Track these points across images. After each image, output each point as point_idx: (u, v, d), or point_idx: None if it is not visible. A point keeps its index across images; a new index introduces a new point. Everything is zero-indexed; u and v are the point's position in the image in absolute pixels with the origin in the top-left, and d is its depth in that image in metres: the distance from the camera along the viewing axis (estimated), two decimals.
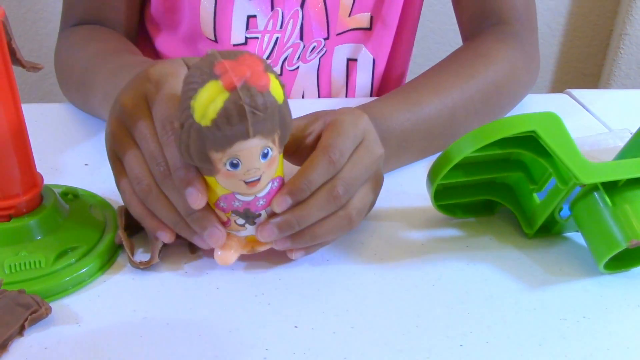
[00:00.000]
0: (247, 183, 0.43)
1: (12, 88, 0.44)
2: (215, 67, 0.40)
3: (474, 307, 0.46)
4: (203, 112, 0.40)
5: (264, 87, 0.40)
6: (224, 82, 0.39)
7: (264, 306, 0.46)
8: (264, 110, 0.40)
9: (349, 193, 0.47)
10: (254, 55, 0.41)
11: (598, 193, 0.48)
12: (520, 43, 0.72)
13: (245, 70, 0.40)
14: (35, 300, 0.43)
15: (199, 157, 0.42)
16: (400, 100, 0.61)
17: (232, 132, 0.40)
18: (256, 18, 0.76)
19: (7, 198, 0.46)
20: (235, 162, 0.42)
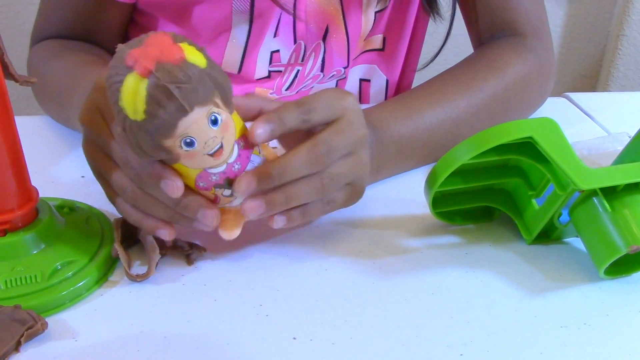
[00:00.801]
0: (212, 155, 0.43)
1: (5, 102, 0.43)
2: (126, 59, 0.39)
3: (474, 316, 0.46)
4: (133, 108, 0.39)
5: (179, 60, 0.39)
6: (139, 70, 0.39)
7: (262, 318, 0.45)
8: (188, 80, 0.39)
9: (329, 156, 0.47)
10: (159, 33, 0.40)
11: (597, 198, 0.48)
12: (536, 58, 0.71)
13: (154, 52, 0.39)
14: (32, 315, 0.43)
15: (154, 150, 0.42)
16: (401, 108, 0.61)
17: (168, 114, 0.40)
18: (279, 52, 0.76)
19: (2, 213, 0.46)
20: (189, 140, 0.41)
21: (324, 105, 0.48)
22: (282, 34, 0.74)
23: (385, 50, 0.81)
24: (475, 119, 0.63)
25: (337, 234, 0.54)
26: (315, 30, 0.75)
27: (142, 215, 0.47)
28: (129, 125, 0.41)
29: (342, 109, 0.48)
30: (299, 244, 0.52)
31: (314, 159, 0.46)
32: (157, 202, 0.46)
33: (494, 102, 0.65)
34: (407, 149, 0.60)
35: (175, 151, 0.42)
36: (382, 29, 0.79)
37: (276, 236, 0.53)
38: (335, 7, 0.74)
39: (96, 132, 0.47)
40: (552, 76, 0.75)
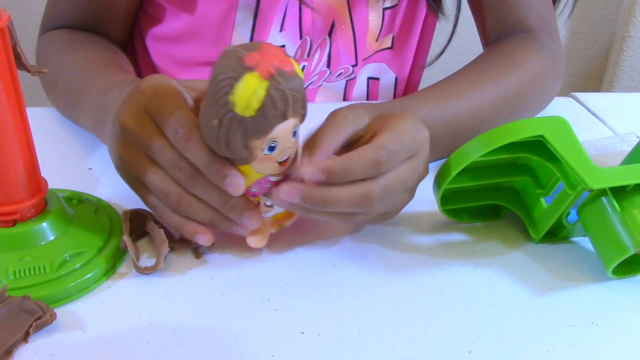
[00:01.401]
0: (281, 163, 0.45)
1: (18, 93, 0.43)
2: (246, 60, 0.41)
3: (481, 313, 0.46)
4: (246, 104, 0.41)
5: (293, 71, 0.42)
6: (261, 72, 0.41)
7: (270, 312, 0.45)
8: (299, 90, 0.42)
9: (382, 200, 0.47)
10: (271, 44, 0.43)
11: (606, 198, 0.48)
12: (548, 49, 0.72)
13: (273, 58, 0.41)
14: (40, 306, 0.43)
15: (239, 148, 0.43)
16: (431, 97, 0.61)
17: (275, 116, 0.42)
18: (285, 48, 0.76)
19: (12, 203, 0.46)
20: (273, 145, 0.43)
21: (403, 153, 0.47)
22: (288, 28, 0.74)
23: (394, 48, 0.81)
24: (497, 114, 0.64)
25: (345, 229, 0.54)
26: (321, 25, 0.75)
27: (182, 219, 0.47)
28: (228, 119, 0.42)
29: (417, 148, 0.48)
30: (307, 239, 0.52)
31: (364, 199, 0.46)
32: (201, 204, 0.46)
33: (514, 98, 0.65)
34: (436, 138, 0.59)
35: (255, 152, 0.44)
36: (392, 29, 0.79)
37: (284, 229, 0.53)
38: (342, 2, 0.74)
39: (143, 133, 0.46)
40: (562, 72, 0.75)
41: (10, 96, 0.43)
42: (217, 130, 0.42)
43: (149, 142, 0.46)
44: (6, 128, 0.43)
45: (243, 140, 0.43)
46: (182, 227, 0.47)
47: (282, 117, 0.42)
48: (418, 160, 0.49)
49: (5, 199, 0.45)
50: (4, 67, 0.42)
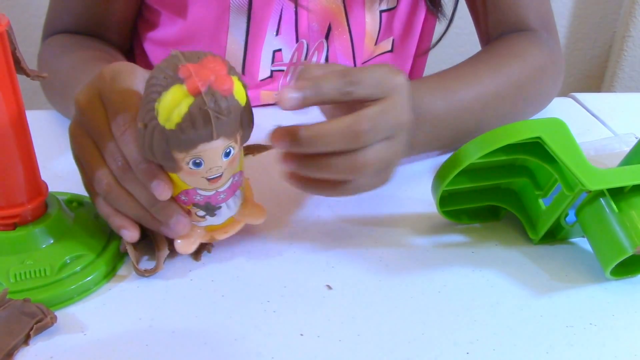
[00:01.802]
0: (209, 180, 0.44)
1: (17, 97, 0.43)
2: (180, 70, 0.40)
3: (480, 315, 0.46)
4: (167, 116, 0.40)
5: (228, 91, 0.41)
6: (189, 87, 0.40)
7: (269, 314, 0.45)
8: (228, 114, 0.41)
9: (370, 136, 0.46)
10: (217, 58, 0.42)
11: (604, 199, 0.48)
12: (548, 45, 0.72)
13: (209, 74, 0.40)
14: (41, 309, 0.43)
15: (163, 156, 0.43)
16: (436, 85, 0.61)
17: (197, 135, 0.41)
18: (281, 52, 0.76)
19: (12, 207, 0.46)
20: (198, 161, 0.43)
21: (373, 81, 0.46)
22: (284, 32, 0.74)
23: (394, 51, 0.81)
24: (501, 102, 0.64)
25: (344, 231, 0.54)
26: (318, 29, 0.75)
27: (112, 210, 0.47)
28: (152, 126, 0.41)
29: (391, 88, 0.47)
30: (306, 241, 0.53)
31: (354, 135, 0.45)
32: (130, 199, 0.46)
33: (517, 87, 0.65)
34: (440, 127, 0.59)
35: (180, 164, 0.43)
36: (392, 32, 0.79)
37: (283, 231, 0.54)
38: (338, 5, 0.74)
39: (90, 116, 0.47)
40: (562, 69, 0.75)
41: (9, 101, 0.43)
42: (142, 133, 0.42)
43: (94, 127, 0.46)
44: (6, 132, 0.43)
45: (166, 150, 0.42)
46: (110, 219, 0.48)
47: (207, 138, 0.41)
48: (397, 142, 0.48)
49: (6, 203, 0.46)
50: (3, 72, 0.42)
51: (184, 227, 0.47)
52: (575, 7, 1.50)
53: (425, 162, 0.64)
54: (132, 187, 0.46)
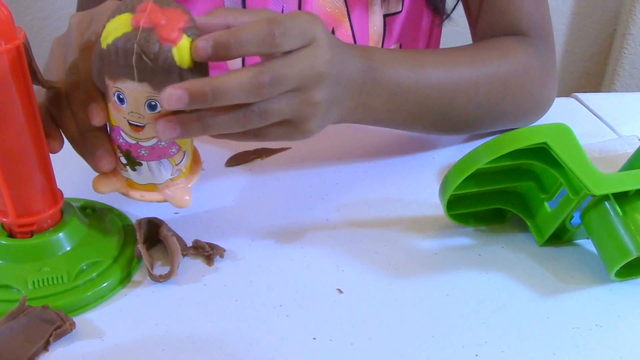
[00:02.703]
0: (130, 125, 0.45)
1: (34, 108, 0.44)
2: (141, 4, 0.42)
3: (488, 317, 0.47)
4: (106, 35, 0.42)
5: (167, 41, 0.41)
6: (134, 19, 0.41)
7: (282, 318, 0.46)
8: (154, 60, 0.41)
9: (272, 89, 0.44)
10: (186, 15, 0.43)
11: (609, 202, 0.49)
12: (537, 50, 0.71)
13: (160, 19, 0.41)
14: (59, 315, 0.44)
15: (97, 75, 0.44)
16: (404, 56, 0.60)
17: (118, 65, 0.42)
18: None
19: (30, 215, 0.47)
20: (122, 97, 0.44)
21: (297, 32, 0.45)
22: None
23: None
24: (474, 91, 0.63)
25: (353, 234, 0.55)
26: None
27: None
28: (98, 42, 0.43)
29: (311, 37, 0.46)
30: (316, 244, 0.54)
31: (255, 88, 0.43)
32: (70, 119, 0.47)
33: (495, 80, 0.64)
34: (401, 98, 0.58)
35: (109, 93, 0.44)
36: (397, 37, 0.80)
37: (293, 235, 0.54)
38: (340, 9, 0.75)
39: (72, 34, 0.48)
40: (554, 75, 0.74)
41: (27, 111, 0.44)
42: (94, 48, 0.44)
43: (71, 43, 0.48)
44: (24, 143, 0.44)
45: (99, 70, 0.43)
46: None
47: (129, 74, 0.42)
48: (312, 51, 0.47)
49: (24, 211, 0.47)
50: (20, 83, 0.43)
51: (106, 164, 0.47)
52: (576, 4, 1.51)
53: (431, 165, 0.65)
54: (75, 107, 0.47)
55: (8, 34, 0.41)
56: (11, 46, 0.41)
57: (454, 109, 0.63)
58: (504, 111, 0.67)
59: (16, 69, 0.42)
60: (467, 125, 0.66)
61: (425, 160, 0.66)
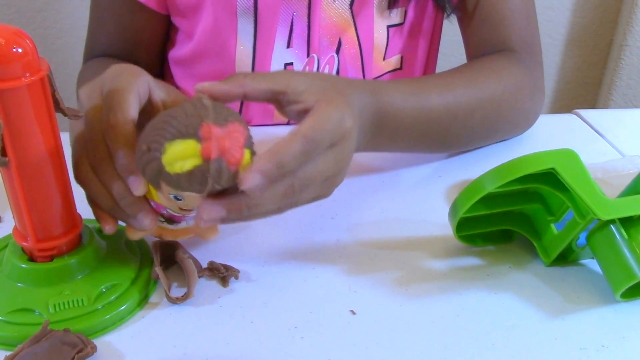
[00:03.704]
0: (182, 209, 0.47)
1: (56, 137, 0.45)
2: (202, 128, 0.42)
3: (498, 338, 0.48)
4: (171, 162, 0.42)
5: (235, 165, 0.43)
6: (203, 150, 0.42)
7: (297, 340, 0.47)
8: (226, 181, 0.43)
9: (302, 192, 0.48)
10: (241, 127, 0.43)
11: (615, 226, 0.50)
12: (528, 70, 0.73)
13: (225, 143, 0.42)
14: (81, 339, 0.45)
15: (151, 180, 0.44)
16: (406, 85, 0.62)
17: (189, 188, 0.43)
18: (293, 65, 0.78)
19: (50, 239, 0.48)
20: (180, 198, 0.45)
21: (327, 141, 0.47)
22: (296, 45, 0.77)
23: (403, 68, 0.83)
24: (470, 116, 0.66)
25: (363, 255, 0.56)
26: (328, 43, 0.77)
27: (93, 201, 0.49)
28: (152, 156, 0.43)
29: (341, 135, 0.49)
30: (328, 265, 0.55)
31: (286, 195, 0.47)
32: (102, 190, 0.48)
33: (489, 101, 0.67)
34: (404, 127, 0.61)
35: (162, 189, 0.45)
36: (400, 48, 0.81)
37: (305, 256, 0.56)
38: (347, 19, 0.76)
39: (86, 108, 0.49)
40: (542, 89, 0.77)
41: (49, 140, 0.45)
42: (142, 151, 0.44)
43: (88, 118, 0.48)
44: (46, 170, 0.45)
45: (155, 178, 0.44)
46: (92, 208, 0.50)
47: (196, 191, 0.43)
48: (340, 149, 0.49)
49: (44, 236, 0.48)
50: (44, 113, 0.44)
51: (151, 222, 0.48)
52: (573, 15, 1.53)
53: (439, 186, 0.66)
54: (105, 178, 0.47)
55: (33, 66, 0.42)
56: (36, 78, 0.42)
57: (452, 133, 0.66)
58: (497, 129, 0.71)
59: (40, 99, 0.43)
60: (462, 146, 0.69)
61: (433, 180, 0.68)
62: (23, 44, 0.42)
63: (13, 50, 0.41)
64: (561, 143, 0.75)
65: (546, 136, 0.77)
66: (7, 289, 0.48)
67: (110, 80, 0.48)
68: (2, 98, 0.42)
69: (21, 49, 0.42)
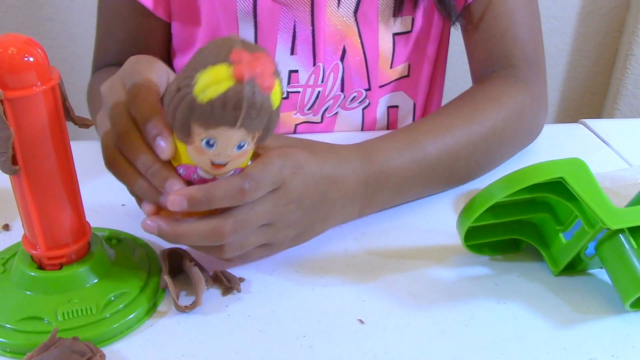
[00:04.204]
0: (214, 164, 0.46)
1: (66, 145, 0.46)
2: (233, 53, 0.42)
3: (507, 348, 0.48)
4: (204, 89, 0.42)
5: (268, 89, 0.42)
6: (235, 71, 0.41)
7: (306, 349, 0.47)
8: (259, 109, 0.43)
9: (236, 233, 0.48)
10: (269, 57, 0.43)
11: (623, 235, 0.50)
12: (530, 88, 0.73)
13: (257, 67, 0.42)
14: (89, 347, 0.45)
15: (181, 123, 0.44)
16: (400, 139, 0.62)
17: (222, 117, 0.42)
18: (298, 73, 0.78)
19: (59, 247, 0.48)
20: (212, 142, 0.44)
21: (267, 182, 0.49)
22: (301, 53, 0.77)
23: (410, 76, 0.83)
24: (473, 150, 0.65)
25: (371, 264, 0.56)
26: (332, 50, 0.78)
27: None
28: (184, 93, 0.43)
29: (280, 182, 0.50)
30: (336, 274, 0.55)
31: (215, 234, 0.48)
32: (129, 170, 0.48)
33: (491, 133, 0.66)
34: (408, 181, 0.61)
35: (193, 136, 0.44)
36: (407, 56, 0.81)
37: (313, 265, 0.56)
38: (351, 27, 0.77)
39: (110, 100, 0.49)
40: (544, 103, 0.76)
41: (59, 149, 0.45)
42: (172, 95, 0.44)
43: (112, 109, 0.49)
44: (56, 179, 0.46)
45: (186, 118, 0.43)
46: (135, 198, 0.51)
47: (229, 123, 0.43)
48: (279, 195, 0.50)
49: (53, 244, 0.48)
50: (54, 122, 0.44)
51: (180, 184, 0.47)
52: (578, 24, 1.53)
53: (447, 195, 0.66)
54: (130, 153, 0.47)
55: (44, 75, 0.43)
56: (47, 87, 0.43)
57: (457, 173, 0.65)
58: (503, 155, 0.70)
59: (51, 108, 0.43)
60: (471, 179, 0.68)
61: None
62: (35, 53, 0.42)
63: (25, 59, 0.42)
64: (568, 152, 0.74)
65: (553, 146, 0.77)
66: (15, 297, 0.48)
67: (129, 69, 0.49)
68: (13, 107, 0.42)
69: (33, 58, 0.42)
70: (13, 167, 0.44)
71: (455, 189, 0.67)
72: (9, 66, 0.41)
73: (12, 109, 0.42)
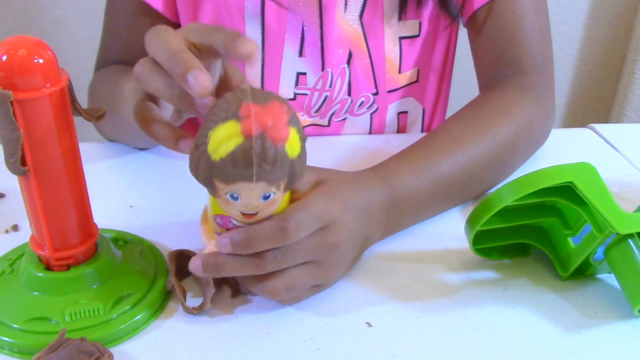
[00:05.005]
0: (244, 214, 0.45)
1: (74, 146, 0.46)
2: (241, 108, 0.41)
3: (515, 353, 0.48)
4: (215, 147, 0.42)
5: (280, 142, 0.41)
6: (243, 127, 0.41)
7: (314, 352, 0.47)
8: (272, 163, 0.42)
9: (280, 264, 0.48)
10: (284, 104, 0.42)
11: (633, 240, 0.50)
12: (539, 96, 0.72)
13: (267, 120, 0.41)
14: (97, 347, 0.45)
15: (205, 180, 0.44)
16: (413, 159, 0.61)
17: (236, 173, 0.42)
18: (306, 75, 0.78)
19: (67, 248, 0.48)
20: (236, 196, 0.44)
21: (310, 222, 0.48)
22: (309, 55, 0.77)
23: (419, 81, 0.83)
24: (487, 165, 0.64)
25: (379, 268, 0.56)
26: (339, 55, 0.78)
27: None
28: (201, 150, 0.42)
29: (327, 220, 0.49)
30: (344, 277, 0.55)
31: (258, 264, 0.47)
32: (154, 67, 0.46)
33: (503, 147, 0.65)
34: (424, 202, 0.61)
35: (219, 192, 0.44)
36: (415, 61, 0.81)
37: None
38: (358, 32, 0.77)
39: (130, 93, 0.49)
40: (552, 109, 0.76)
41: (68, 151, 0.45)
42: (193, 152, 0.44)
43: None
44: (64, 180, 0.46)
45: (208, 176, 0.43)
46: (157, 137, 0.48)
47: (245, 178, 0.42)
48: (329, 232, 0.49)
49: (61, 245, 0.48)
50: (63, 123, 0.44)
51: (205, 80, 0.42)
52: (586, 29, 1.53)
53: None
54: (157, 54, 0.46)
55: (53, 77, 0.43)
56: (56, 88, 0.43)
57: (472, 189, 0.65)
58: (515, 165, 0.70)
59: (60, 109, 0.43)
60: (483, 192, 0.67)
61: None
62: (44, 55, 0.42)
63: (34, 61, 0.42)
64: (576, 157, 0.74)
65: (561, 150, 0.77)
66: (23, 297, 0.48)
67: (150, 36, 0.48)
68: (22, 108, 0.42)
69: (42, 59, 0.42)
70: (22, 168, 0.44)
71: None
72: (19, 68, 0.41)
73: (22, 110, 0.42)
